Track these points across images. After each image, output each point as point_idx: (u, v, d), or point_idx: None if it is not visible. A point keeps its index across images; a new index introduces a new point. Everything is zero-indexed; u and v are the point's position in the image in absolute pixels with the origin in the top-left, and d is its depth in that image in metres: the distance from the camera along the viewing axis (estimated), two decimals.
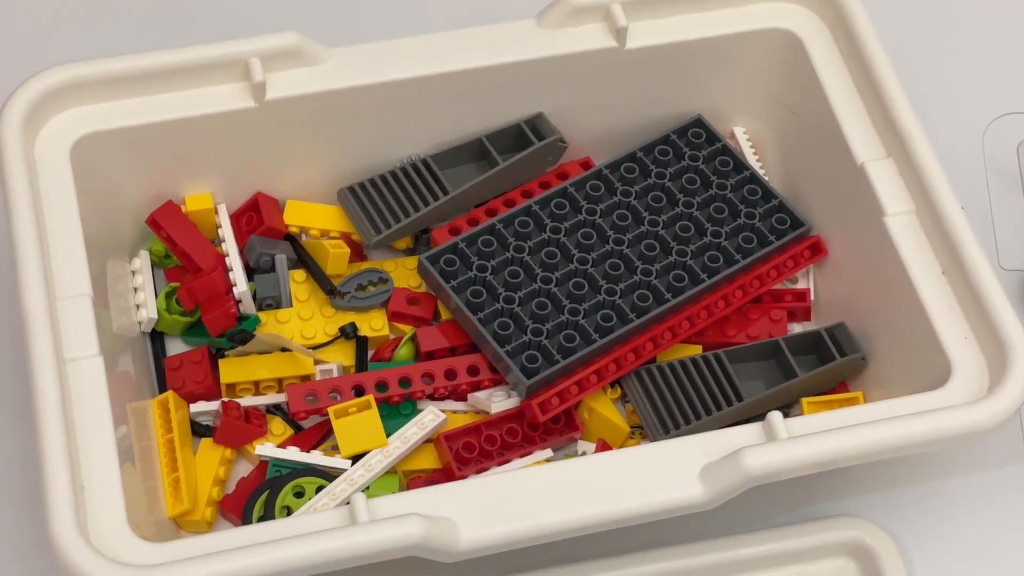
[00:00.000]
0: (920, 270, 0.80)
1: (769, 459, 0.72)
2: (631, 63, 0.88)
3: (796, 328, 0.88)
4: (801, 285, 0.89)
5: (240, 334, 0.80)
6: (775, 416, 0.74)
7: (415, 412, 0.82)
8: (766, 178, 0.91)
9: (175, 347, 0.85)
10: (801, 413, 0.83)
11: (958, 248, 0.79)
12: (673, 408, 0.82)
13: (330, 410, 0.79)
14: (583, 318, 0.82)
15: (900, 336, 0.82)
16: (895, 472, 0.85)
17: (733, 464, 0.72)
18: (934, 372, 0.78)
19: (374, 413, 0.79)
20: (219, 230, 0.86)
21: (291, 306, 0.85)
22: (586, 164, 0.91)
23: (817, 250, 0.88)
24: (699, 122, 0.91)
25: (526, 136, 0.89)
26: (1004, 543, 0.83)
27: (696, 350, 0.86)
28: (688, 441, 0.74)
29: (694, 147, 0.90)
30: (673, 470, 0.72)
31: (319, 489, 0.78)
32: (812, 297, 0.88)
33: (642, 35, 0.88)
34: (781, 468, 0.72)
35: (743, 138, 0.93)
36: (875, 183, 0.83)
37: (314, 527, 0.69)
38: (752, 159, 0.92)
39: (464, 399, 0.83)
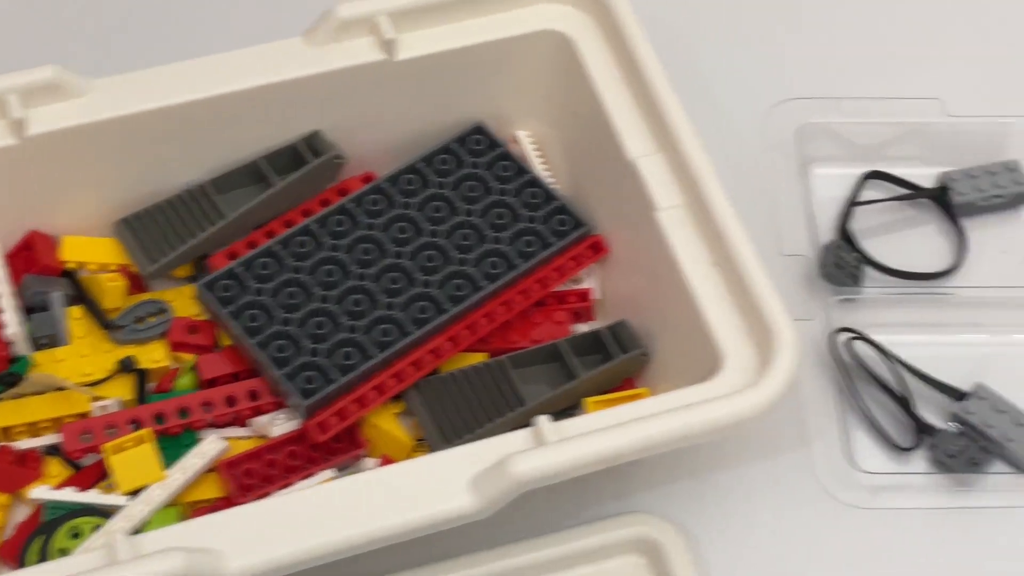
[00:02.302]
0: (690, 263, 0.81)
1: (535, 464, 0.72)
2: (404, 74, 0.88)
3: (584, 329, 0.88)
4: (587, 285, 0.89)
5: (7, 377, 0.79)
6: (542, 420, 0.74)
7: (196, 442, 0.81)
8: (551, 180, 0.91)
9: None
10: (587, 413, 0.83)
11: (726, 240, 0.80)
12: (455, 418, 0.82)
13: (105, 446, 0.78)
14: (363, 334, 0.82)
15: (677, 330, 0.82)
16: (686, 465, 0.86)
17: (500, 472, 0.71)
18: (707, 363, 0.78)
19: (149, 446, 0.79)
20: None
21: (69, 343, 0.83)
22: (368, 179, 0.91)
23: (598, 249, 0.88)
24: (479, 129, 0.91)
25: (303, 155, 0.88)
26: (787, 527, 0.83)
27: (482, 358, 0.86)
28: (459, 451, 0.74)
29: (475, 154, 0.90)
30: (443, 481, 0.72)
31: (97, 528, 0.77)
32: (598, 296, 0.89)
33: (413, 46, 0.88)
34: (548, 472, 0.72)
35: (527, 141, 0.93)
36: (646, 179, 0.83)
37: (73, 569, 0.68)
38: (537, 162, 0.93)
39: (248, 425, 0.83)
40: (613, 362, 0.83)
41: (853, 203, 0.95)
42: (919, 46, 1.02)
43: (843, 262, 0.91)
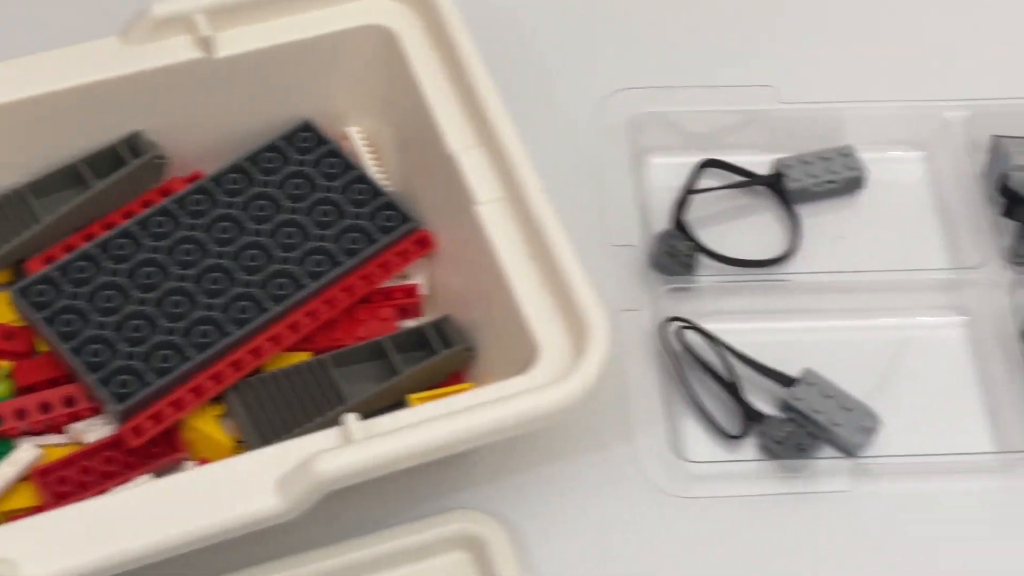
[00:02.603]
0: (509, 256, 0.80)
1: (339, 463, 0.71)
2: (225, 72, 0.87)
3: (411, 325, 0.88)
4: (415, 281, 0.89)
5: None
6: (349, 418, 0.73)
7: (11, 450, 0.80)
8: (382, 177, 0.91)
9: None
10: None
11: (542, 232, 0.79)
12: (275, 418, 0.81)
13: None
14: (181, 336, 0.81)
15: (498, 323, 0.82)
16: (517, 459, 0.85)
17: (304, 472, 0.71)
18: (525, 356, 0.78)
19: None
20: None
21: None
22: (195, 179, 0.90)
23: (425, 244, 0.88)
24: (307, 126, 0.90)
25: (123, 156, 0.87)
26: (613, 519, 0.83)
27: (307, 357, 0.85)
28: (266, 452, 0.73)
29: (302, 151, 0.89)
30: (248, 482, 0.71)
31: None
32: (425, 292, 0.88)
33: (232, 43, 0.87)
34: (353, 471, 0.71)
35: (357, 138, 0.92)
36: (466, 172, 0.83)
37: None
38: (368, 159, 0.92)
39: (64, 431, 0.82)
40: (435, 358, 0.83)
41: (688, 192, 0.95)
42: (752, 33, 1.02)
43: (675, 251, 0.91)
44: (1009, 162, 0.93)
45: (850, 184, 0.96)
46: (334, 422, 0.80)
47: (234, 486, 0.71)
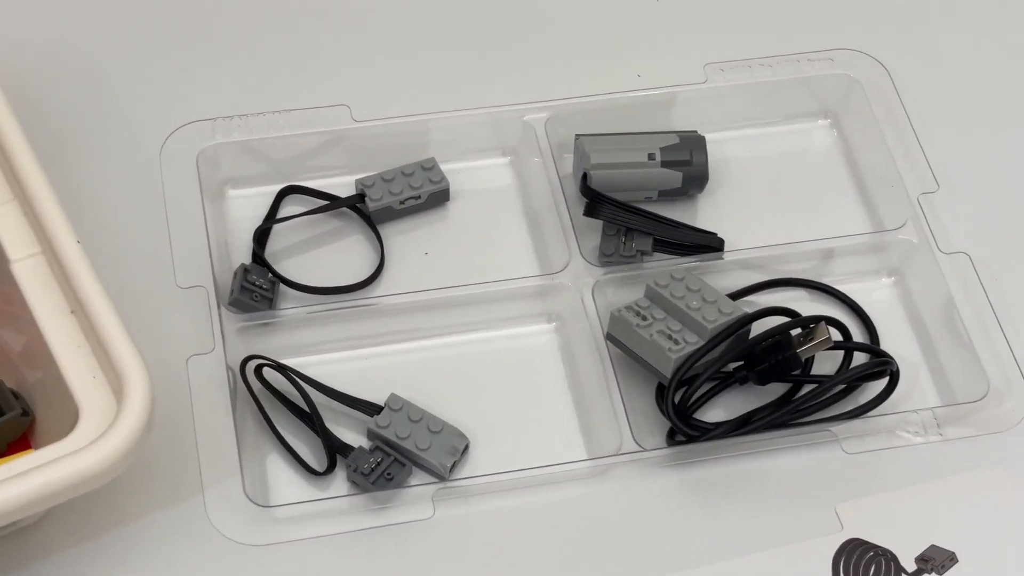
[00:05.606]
0: (47, 312, 0.77)
1: None
2: None
3: None
4: None
5: None
6: None
7: None
8: None
9: None
10: None
11: (79, 286, 0.76)
12: None
13: None
14: None
15: (48, 385, 0.77)
16: (88, 525, 0.80)
17: None
18: (72, 417, 0.74)
19: None
20: None
21: None
22: None
23: None
24: None
25: None
26: None
27: None
28: None
29: None
30: None
31: None
32: None
33: None
34: None
35: None
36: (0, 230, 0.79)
37: None
38: None
39: None
40: None
41: (265, 222, 0.92)
42: (321, 52, 0.99)
43: (253, 286, 0.88)
44: (589, 161, 0.92)
45: (435, 197, 0.94)
46: None
47: None
